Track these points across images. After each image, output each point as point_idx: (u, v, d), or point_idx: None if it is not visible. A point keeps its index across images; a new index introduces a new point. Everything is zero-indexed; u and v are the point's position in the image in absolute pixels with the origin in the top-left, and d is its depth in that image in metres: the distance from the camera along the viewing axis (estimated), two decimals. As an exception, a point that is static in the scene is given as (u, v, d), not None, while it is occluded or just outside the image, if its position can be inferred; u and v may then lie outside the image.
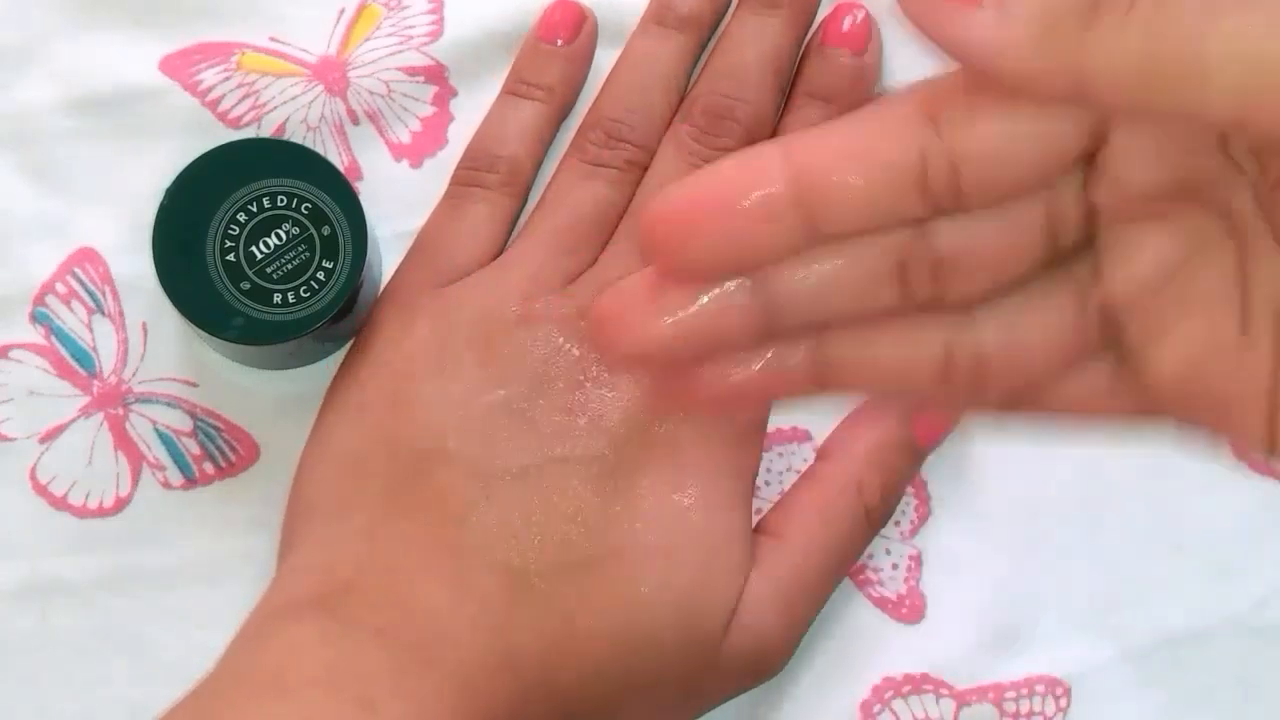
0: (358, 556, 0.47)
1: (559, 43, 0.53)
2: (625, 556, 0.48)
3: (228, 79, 0.53)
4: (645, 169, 0.52)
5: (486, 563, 0.47)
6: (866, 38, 0.53)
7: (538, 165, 0.53)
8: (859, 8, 0.53)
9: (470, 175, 0.52)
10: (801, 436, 0.54)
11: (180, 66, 0.53)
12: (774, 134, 0.53)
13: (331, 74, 0.53)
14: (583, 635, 0.47)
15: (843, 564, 0.52)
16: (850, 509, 0.51)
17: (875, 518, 0.52)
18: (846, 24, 0.53)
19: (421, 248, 0.52)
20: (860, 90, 0.53)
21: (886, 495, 0.52)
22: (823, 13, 0.54)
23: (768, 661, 0.51)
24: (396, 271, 0.52)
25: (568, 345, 0.50)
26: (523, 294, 0.50)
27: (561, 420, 0.49)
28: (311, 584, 0.47)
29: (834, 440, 0.53)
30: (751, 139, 0.52)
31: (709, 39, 0.54)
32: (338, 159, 0.53)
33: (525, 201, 0.53)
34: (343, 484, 0.49)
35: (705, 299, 0.34)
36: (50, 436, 0.52)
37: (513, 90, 0.53)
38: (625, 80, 0.53)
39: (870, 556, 0.54)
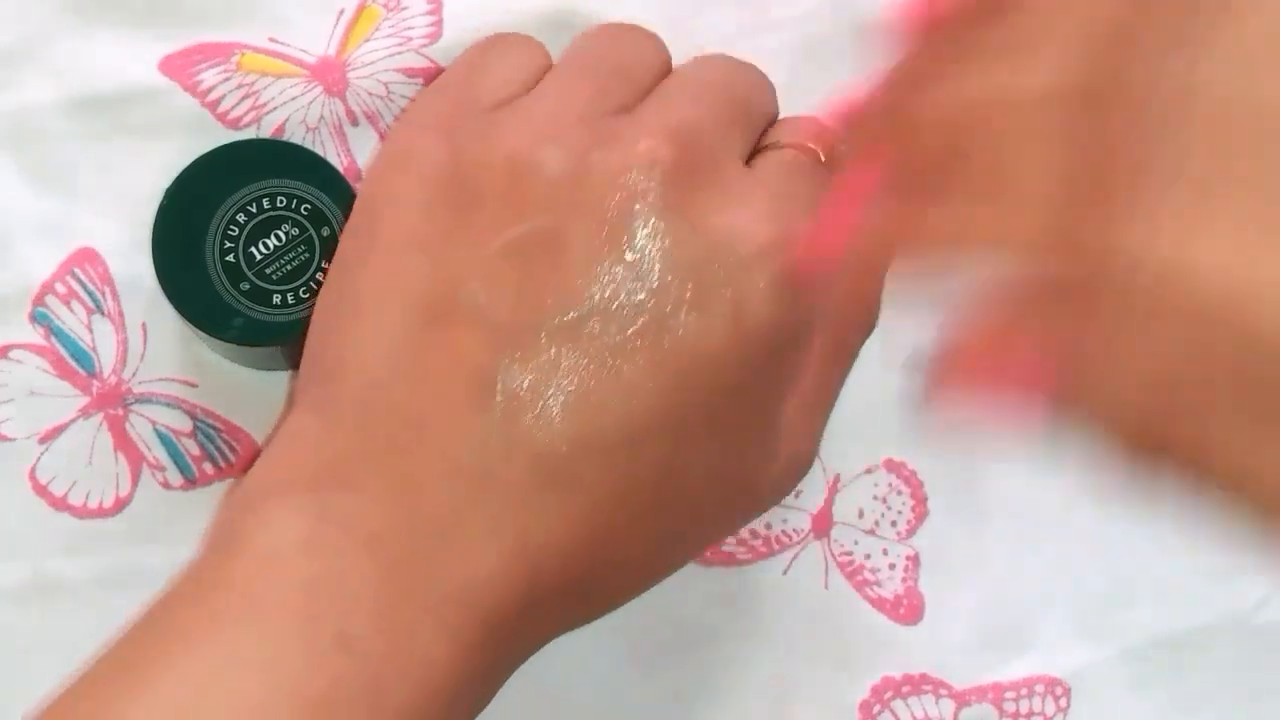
0: (359, 424, 0.43)
1: None
2: (670, 432, 0.43)
3: (227, 79, 0.53)
4: None
5: (508, 441, 0.42)
6: None
7: None
8: None
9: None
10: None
11: (180, 67, 0.53)
12: None
13: (331, 75, 0.53)
14: (622, 526, 0.43)
15: (852, 361, 0.49)
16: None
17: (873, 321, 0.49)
18: None
19: (443, 83, 0.48)
20: None
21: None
22: None
23: (799, 477, 0.48)
24: (416, 98, 0.48)
25: (612, 181, 0.44)
26: (556, 125, 0.45)
27: (599, 270, 0.43)
28: (307, 455, 0.42)
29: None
30: None
31: None
32: (337, 160, 0.53)
33: None
34: (351, 338, 0.44)
35: None
36: (50, 437, 0.52)
37: None
38: None
39: (868, 557, 0.54)
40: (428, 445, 0.42)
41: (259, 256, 0.49)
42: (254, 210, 0.49)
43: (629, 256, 0.43)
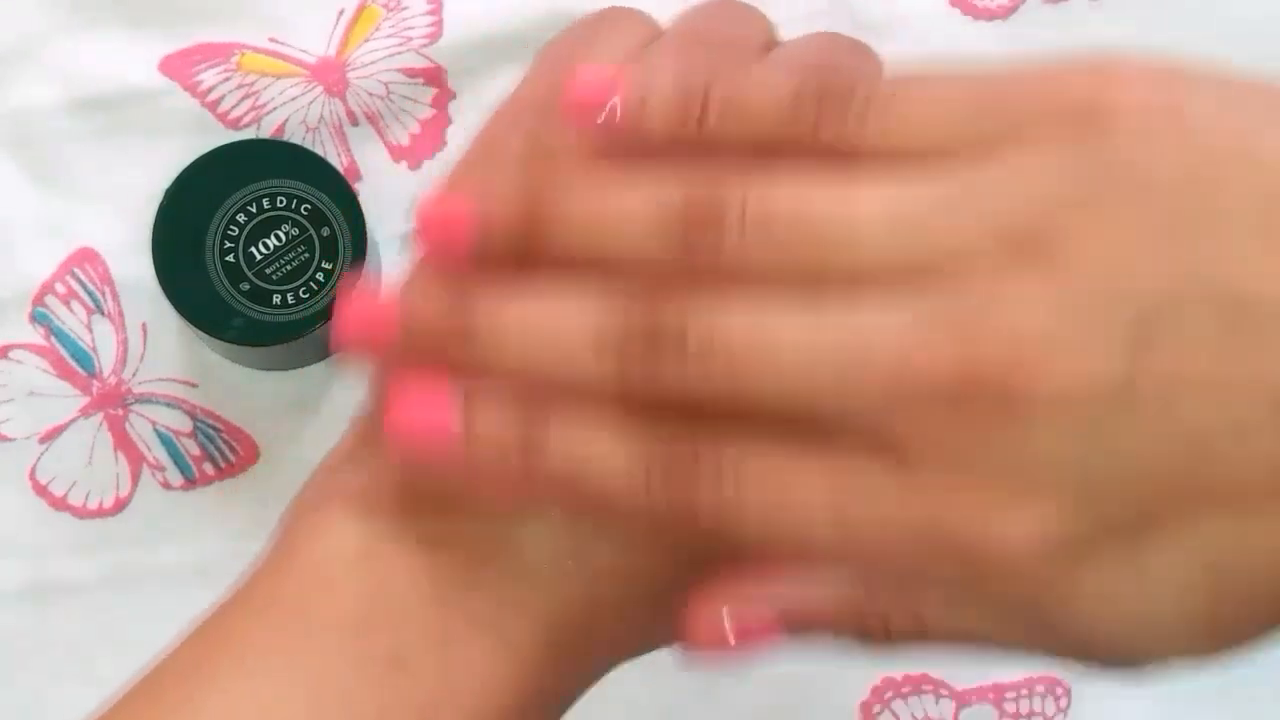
0: None
1: None
2: None
3: (227, 79, 0.53)
4: None
5: None
6: None
7: None
8: None
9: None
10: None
11: (180, 67, 0.53)
12: None
13: (331, 75, 0.53)
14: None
15: None
16: None
17: None
18: None
19: (550, 53, 0.45)
20: None
21: None
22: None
23: None
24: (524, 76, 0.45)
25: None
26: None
27: None
28: (363, 466, 0.41)
29: None
30: None
31: None
32: (337, 160, 0.53)
33: None
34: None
35: None
36: (50, 437, 0.52)
37: None
38: None
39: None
40: None
41: (259, 256, 0.49)
42: (254, 210, 0.49)
43: None
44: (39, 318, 0.53)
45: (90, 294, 0.53)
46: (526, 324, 0.37)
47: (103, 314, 0.53)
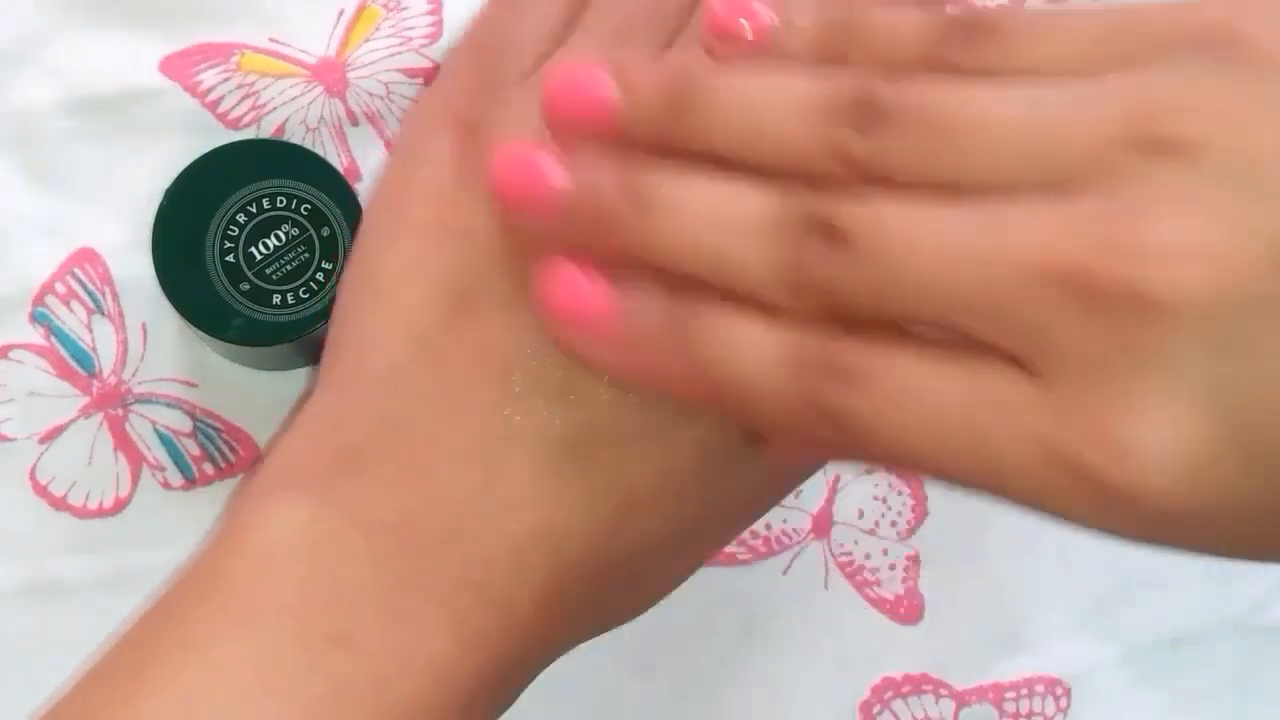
0: (375, 410, 0.42)
1: None
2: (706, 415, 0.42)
3: (227, 80, 0.53)
4: None
5: (530, 432, 0.41)
6: None
7: None
8: None
9: None
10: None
11: (180, 67, 0.53)
12: None
13: (331, 75, 0.53)
14: (642, 509, 0.42)
15: None
16: None
17: None
18: None
19: (474, 47, 0.46)
20: None
21: None
22: None
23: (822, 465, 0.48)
24: (442, 72, 0.46)
25: None
26: None
27: None
28: (321, 439, 0.42)
29: None
30: None
31: None
32: (337, 160, 0.53)
33: None
34: (373, 318, 0.43)
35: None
36: (50, 437, 0.52)
37: None
38: None
39: (868, 557, 0.54)
40: (442, 428, 0.42)
41: (259, 257, 0.49)
42: (254, 210, 0.49)
43: None
44: (39, 318, 0.53)
45: (90, 294, 0.53)
46: (700, 201, 0.36)
47: (103, 314, 0.53)
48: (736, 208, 0.36)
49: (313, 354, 0.52)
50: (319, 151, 0.51)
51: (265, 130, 0.53)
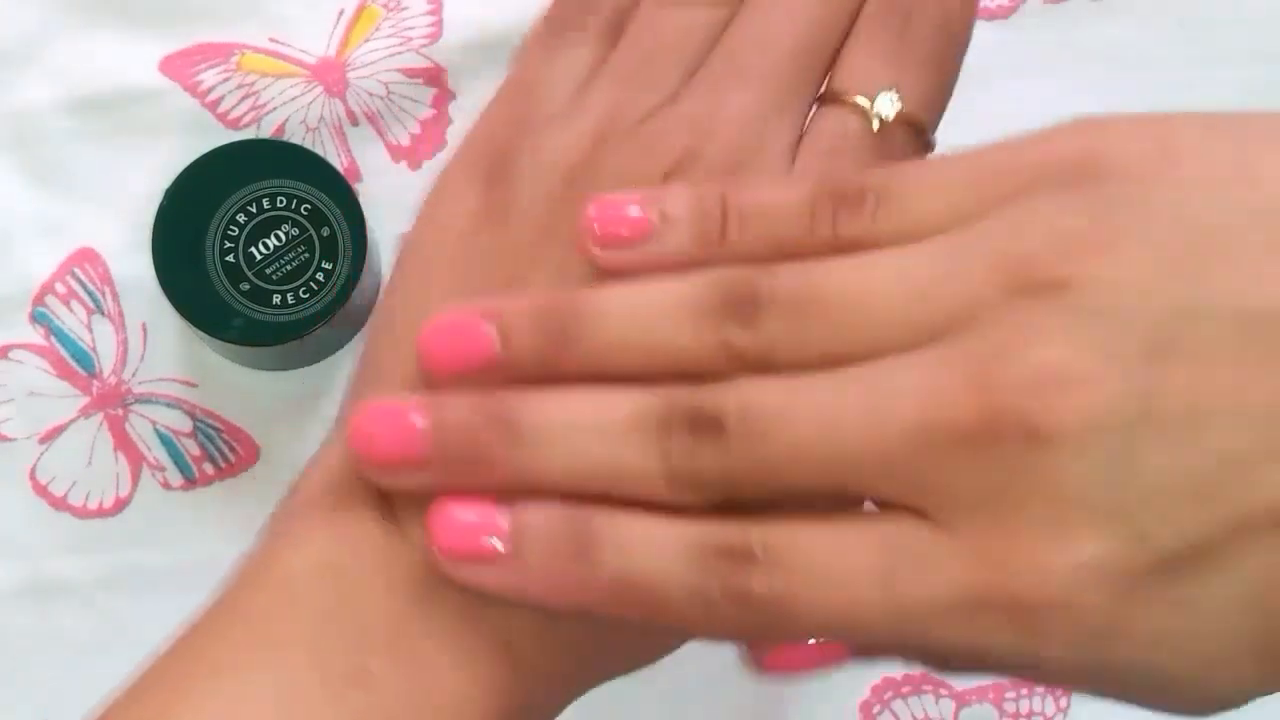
0: None
1: None
2: None
3: (227, 80, 0.53)
4: None
5: None
6: None
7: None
8: None
9: (570, 17, 0.45)
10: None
11: (180, 67, 0.53)
12: None
13: (331, 75, 0.53)
14: None
15: None
16: None
17: None
18: None
19: (509, 98, 0.45)
20: None
21: None
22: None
23: None
24: (480, 120, 0.45)
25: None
26: (595, 137, 0.42)
27: None
28: (340, 469, 0.41)
29: None
30: None
31: None
32: (337, 160, 0.53)
33: None
34: (393, 345, 0.43)
35: None
36: (50, 437, 0.52)
37: None
38: None
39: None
40: None
41: (259, 257, 0.49)
42: (254, 210, 0.49)
43: None
44: (39, 318, 0.53)
45: (90, 294, 0.53)
46: (572, 417, 0.37)
47: (103, 314, 0.53)
48: (608, 416, 0.36)
49: (313, 354, 0.52)
50: (319, 151, 0.51)
51: (265, 130, 0.53)
